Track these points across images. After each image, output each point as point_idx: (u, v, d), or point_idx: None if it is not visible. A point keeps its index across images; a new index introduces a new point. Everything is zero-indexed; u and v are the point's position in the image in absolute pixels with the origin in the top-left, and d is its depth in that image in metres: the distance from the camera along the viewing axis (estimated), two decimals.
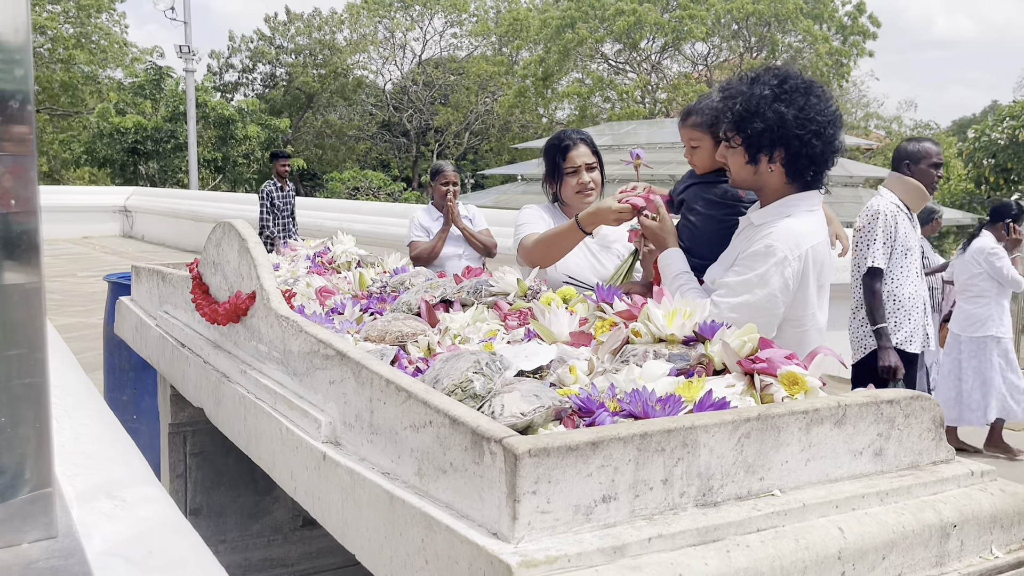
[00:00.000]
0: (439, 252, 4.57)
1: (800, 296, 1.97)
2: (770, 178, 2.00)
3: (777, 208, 2.00)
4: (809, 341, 1.98)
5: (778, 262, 1.91)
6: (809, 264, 1.96)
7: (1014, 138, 19.05)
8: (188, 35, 20.22)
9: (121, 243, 16.79)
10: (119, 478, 1.03)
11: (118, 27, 29.86)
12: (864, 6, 27.80)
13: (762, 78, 1.98)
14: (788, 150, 1.94)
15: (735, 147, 1.99)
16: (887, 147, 31.08)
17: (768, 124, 1.91)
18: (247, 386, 1.73)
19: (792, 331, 1.99)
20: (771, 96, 1.92)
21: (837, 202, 16.54)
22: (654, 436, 1.03)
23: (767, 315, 1.92)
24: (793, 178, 2.00)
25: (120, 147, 24.29)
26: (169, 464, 2.62)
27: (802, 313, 2.00)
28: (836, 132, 1.96)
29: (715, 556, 0.99)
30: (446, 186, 4.72)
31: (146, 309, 2.68)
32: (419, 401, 1.15)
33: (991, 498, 1.23)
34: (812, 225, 1.99)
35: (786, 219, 1.96)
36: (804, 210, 1.99)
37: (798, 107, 1.91)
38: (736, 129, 1.97)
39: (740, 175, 2.03)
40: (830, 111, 1.95)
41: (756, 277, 1.92)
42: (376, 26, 35.04)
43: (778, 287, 1.92)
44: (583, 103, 28.72)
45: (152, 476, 1.09)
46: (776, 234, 1.94)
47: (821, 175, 2.02)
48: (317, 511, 1.38)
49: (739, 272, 1.96)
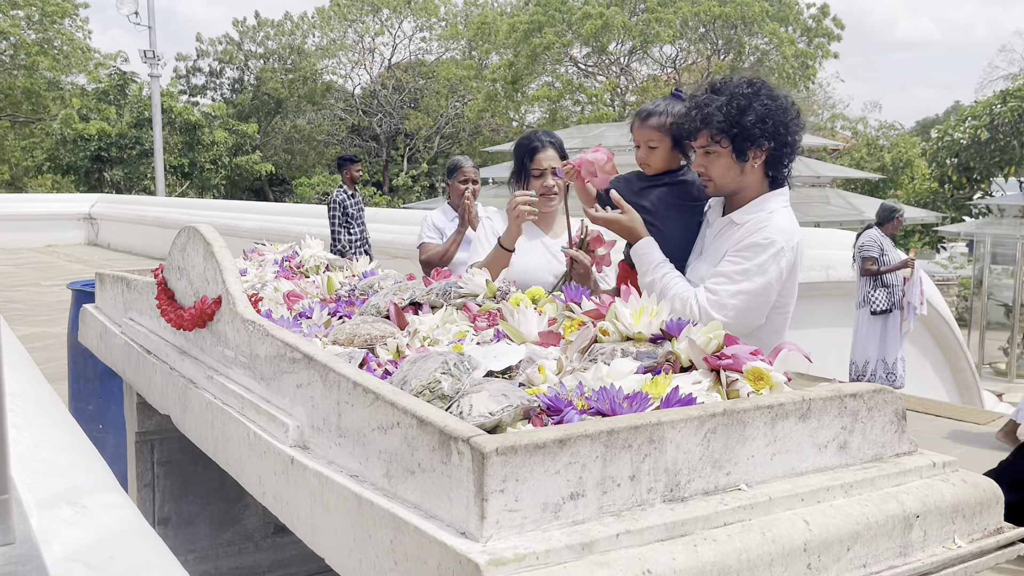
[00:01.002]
0: (452, 256, 4.08)
1: (788, 285, 2.08)
2: (751, 176, 2.09)
3: (758, 205, 2.09)
4: (786, 328, 2.10)
5: (776, 253, 2.02)
6: (798, 256, 2.08)
7: (976, 138, 19.43)
8: (153, 40, 19.96)
9: (86, 251, 16.53)
10: (80, 485, 1.01)
11: (81, 32, 29.42)
12: (828, 8, 28.20)
13: (727, 83, 2.06)
14: (776, 140, 2.04)
15: (721, 150, 2.05)
16: (853, 148, 31.57)
17: (759, 115, 2.00)
18: (214, 392, 1.71)
19: (778, 318, 2.10)
20: (751, 92, 2.02)
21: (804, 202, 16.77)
22: (621, 433, 1.04)
23: (763, 302, 2.03)
24: (771, 173, 2.10)
25: (84, 154, 23.92)
26: (136, 473, 2.59)
27: (788, 301, 2.11)
28: (803, 122, 2.09)
29: (683, 551, 0.99)
30: (465, 184, 4.23)
31: (111, 316, 2.64)
32: (387, 402, 1.14)
33: (953, 488, 1.26)
34: (795, 220, 2.12)
35: (775, 214, 2.07)
36: (782, 206, 2.11)
37: (774, 99, 2.03)
38: (725, 130, 2.02)
39: (725, 178, 2.08)
40: (793, 105, 2.08)
41: (755, 267, 2.01)
42: (346, 30, 34.89)
43: (774, 276, 2.03)
44: (553, 106, 28.81)
45: (114, 482, 1.07)
46: (772, 228, 2.04)
47: (789, 169, 2.12)
48: (286, 516, 1.37)
49: (736, 262, 2.04)
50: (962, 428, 5.59)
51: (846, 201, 18.03)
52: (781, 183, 2.13)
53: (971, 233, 15.34)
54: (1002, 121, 18.93)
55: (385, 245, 8.27)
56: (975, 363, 9.54)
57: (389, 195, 32.43)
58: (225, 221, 12.21)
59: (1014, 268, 13.69)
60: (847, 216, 16.54)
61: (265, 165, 29.16)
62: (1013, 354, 13.17)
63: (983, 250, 14.12)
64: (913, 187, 25.86)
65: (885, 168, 28.72)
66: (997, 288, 14.49)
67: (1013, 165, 19.48)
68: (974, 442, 5.34)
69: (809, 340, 3.91)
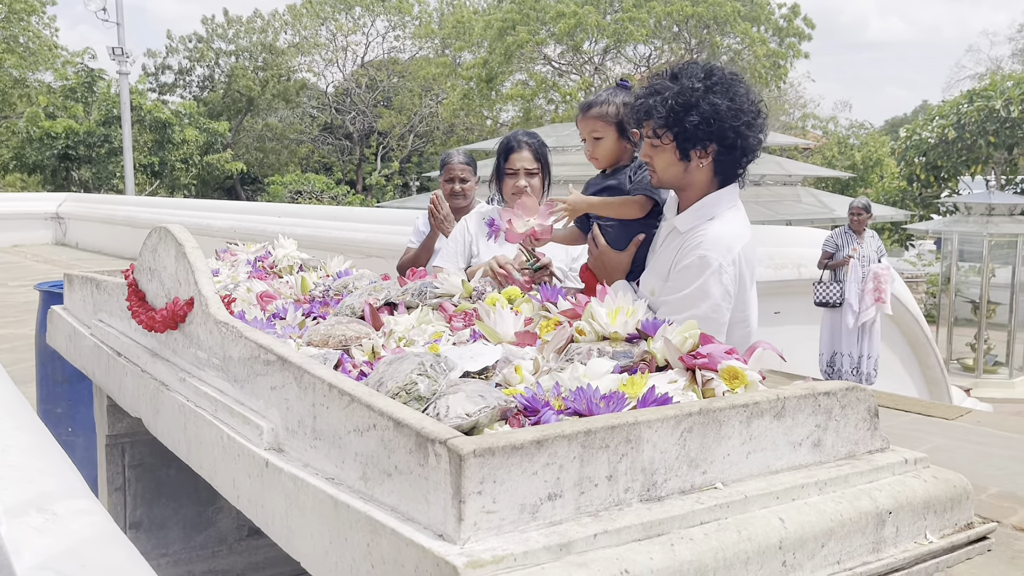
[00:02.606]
0: (424, 262, 3.59)
1: (741, 298, 1.97)
2: (697, 175, 1.96)
3: (701, 210, 1.97)
4: (752, 338, 2.00)
5: (714, 272, 1.89)
6: (743, 266, 1.95)
7: (943, 137, 19.74)
8: (121, 37, 19.67)
9: (54, 251, 16.26)
10: (50, 491, 0.99)
11: (48, 30, 28.95)
12: (799, 8, 28.48)
13: (687, 71, 1.93)
14: (722, 143, 1.91)
15: (664, 144, 1.93)
16: (824, 147, 31.93)
17: (704, 116, 1.87)
18: (187, 394, 1.69)
19: (741, 331, 1.99)
20: (703, 88, 1.88)
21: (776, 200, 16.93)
22: (598, 433, 1.04)
23: (715, 324, 1.88)
24: (720, 173, 1.97)
25: (51, 152, 23.54)
26: (107, 477, 2.55)
27: (747, 313, 2.01)
28: (764, 122, 1.95)
29: (660, 550, 1.00)
30: (451, 183, 3.46)
31: (80, 318, 2.60)
32: (362, 404, 1.14)
33: (924, 484, 1.27)
34: (738, 224, 1.98)
35: (712, 223, 1.94)
36: (727, 208, 1.98)
37: (729, 98, 1.88)
38: (667, 125, 1.91)
39: (668, 173, 1.97)
40: (756, 101, 1.94)
41: (696, 291, 1.90)
42: (318, 29, 34.65)
43: (719, 296, 1.90)
44: (527, 105, 28.82)
45: (85, 488, 1.05)
46: (707, 243, 1.91)
47: (745, 169, 1.99)
48: (261, 519, 1.36)
49: (677, 288, 1.93)
50: (931, 423, 5.67)
51: (817, 199, 18.24)
52: (733, 181, 1.99)
53: (939, 231, 15.56)
54: (969, 120, 19.25)
55: (359, 244, 8.23)
56: (943, 359, 9.69)
57: (363, 194, 32.26)
58: (197, 220, 12.06)
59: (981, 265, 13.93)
60: (818, 214, 16.74)
61: (237, 164, 28.89)
62: (980, 350, 13.40)
63: (950, 247, 14.34)
64: (882, 185, 26.21)
65: (856, 167, 29.12)
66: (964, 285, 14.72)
67: (980, 164, 19.83)
68: (944, 437, 5.42)
69: (782, 337, 3.97)
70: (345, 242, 7.99)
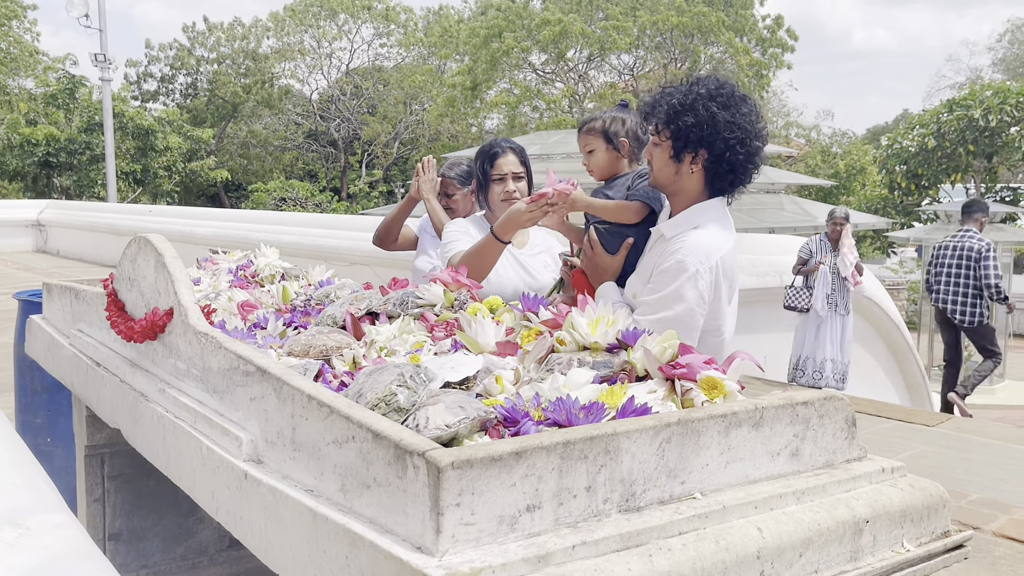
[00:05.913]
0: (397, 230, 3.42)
1: (715, 306, 2.01)
2: (688, 181, 2.04)
3: (687, 219, 2.04)
4: (725, 348, 2.03)
5: (690, 276, 1.95)
6: (720, 275, 2.00)
7: (924, 145, 19.92)
8: (104, 43, 19.54)
9: (34, 258, 16.11)
10: (24, 505, 0.98)
11: (29, 35, 28.75)
12: (782, 20, 28.75)
13: (703, 80, 2.03)
14: (711, 151, 1.98)
15: (662, 142, 2.02)
16: (807, 155, 32.17)
17: (698, 120, 1.95)
18: (166, 405, 1.68)
19: (713, 340, 2.04)
20: (707, 95, 1.97)
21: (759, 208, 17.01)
22: (577, 444, 1.04)
23: (687, 328, 1.94)
24: (710, 184, 2.04)
25: (31, 159, 23.33)
26: (86, 488, 2.52)
27: (720, 323, 2.05)
28: (760, 146, 2.01)
29: (638, 561, 1.00)
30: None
31: (59, 328, 2.58)
32: (341, 416, 1.13)
33: (901, 493, 1.28)
34: (720, 235, 2.03)
35: (695, 231, 2.00)
36: (711, 219, 2.03)
37: (730, 111, 1.96)
38: (667, 122, 2.00)
39: (662, 173, 2.05)
40: (759, 125, 2.00)
41: (671, 293, 1.96)
42: (302, 35, 34.58)
43: (694, 300, 1.96)
44: (512, 112, 28.87)
45: (60, 502, 1.04)
46: (686, 249, 1.97)
47: (736, 188, 2.05)
48: (240, 531, 1.35)
49: (654, 290, 2.00)
50: (912, 429, 5.71)
51: (800, 207, 18.33)
52: (723, 194, 2.06)
53: (920, 239, 15.71)
54: (948, 129, 19.44)
55: (343, 252, 8.20)
56: (924, 365, 9.76)
57: (347, 201, 32.18)
58: (179, 228, 11.99)
59: None
60: (801, 222, 16.83)
61: (220, 171, 28.75)
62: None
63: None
64: (864, 193, 26.44)
65: (838, 175, 29.34)
66: None
67: (959, 172, 20.03)
68: (924, 443, 5.46)
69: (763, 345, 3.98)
70: (329, 250, 7.96)
